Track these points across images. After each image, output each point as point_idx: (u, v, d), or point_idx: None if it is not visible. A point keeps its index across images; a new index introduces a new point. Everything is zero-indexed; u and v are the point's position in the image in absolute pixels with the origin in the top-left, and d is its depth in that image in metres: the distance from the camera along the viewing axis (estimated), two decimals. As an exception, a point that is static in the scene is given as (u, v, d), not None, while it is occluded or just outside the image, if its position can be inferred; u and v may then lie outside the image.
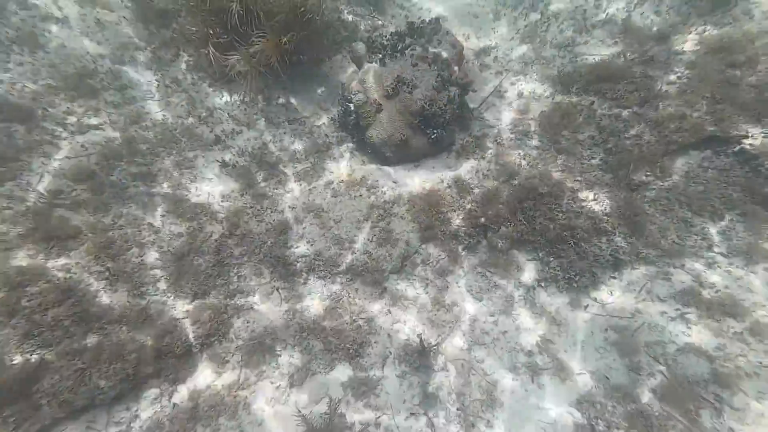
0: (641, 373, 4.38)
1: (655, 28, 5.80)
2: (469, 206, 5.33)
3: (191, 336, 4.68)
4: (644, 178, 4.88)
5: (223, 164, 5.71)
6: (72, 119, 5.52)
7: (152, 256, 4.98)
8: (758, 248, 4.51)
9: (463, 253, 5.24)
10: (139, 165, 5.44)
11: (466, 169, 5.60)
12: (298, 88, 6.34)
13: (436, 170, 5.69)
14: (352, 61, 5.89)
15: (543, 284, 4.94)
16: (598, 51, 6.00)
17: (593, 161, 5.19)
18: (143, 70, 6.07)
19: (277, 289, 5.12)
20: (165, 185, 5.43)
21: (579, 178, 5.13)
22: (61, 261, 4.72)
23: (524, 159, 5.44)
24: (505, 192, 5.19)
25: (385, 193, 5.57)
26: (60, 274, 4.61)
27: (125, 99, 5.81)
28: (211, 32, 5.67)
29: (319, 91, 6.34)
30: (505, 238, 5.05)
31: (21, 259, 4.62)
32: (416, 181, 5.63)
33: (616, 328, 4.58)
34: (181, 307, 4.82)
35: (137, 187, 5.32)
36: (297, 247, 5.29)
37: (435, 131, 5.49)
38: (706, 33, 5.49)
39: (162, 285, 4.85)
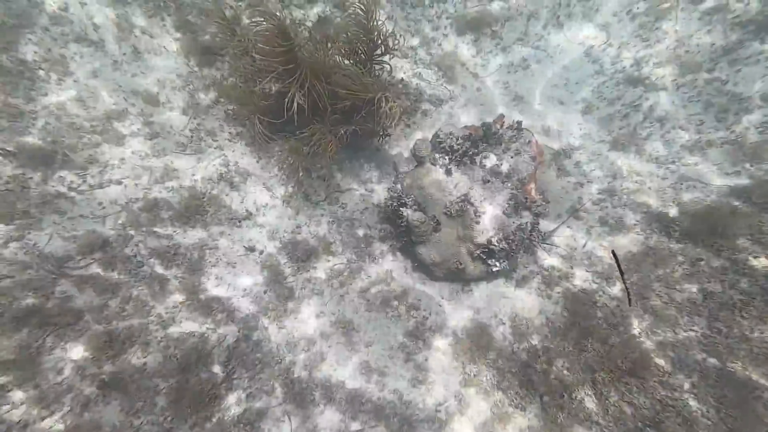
0: None
1: (792, 165, 4.39)
2: (525, 357, 4.20)
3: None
4: (764, 380, 3.62)
5: (249, 249, 4.72)
6: (93, 170, 4.58)
7: (156, 359, 4.08)
8: None
9: (509, 410, 4.15)
10: (159, 238, 4.51)
11: (527, 305, 4.44)
12: (343, 160, 5.23)
13: (491, 300, 4.54)
14: (413, 157, 4.72)
15: (604, 477, 3.83)
16: (711, 178, 4.63)
17: (691, 333, 3.94)
18: (178, 114, 5.03)
19: (288, 416, 4.18)
20: (183, 268, 4.49)
21: (671, 354, 3.90)
22: (56, 354, 3.88)
23: (600, 310, 4.23)
24: (573, 356, 4.03)
25: (426, 319, 4.48)
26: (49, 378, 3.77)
27: (154, 150, 4.82)
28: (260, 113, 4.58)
29: (368, 171, 5.20)
30: (567, 412, 3.93)
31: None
32: (465, 311, 4.51)
33: None
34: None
35: (152, 267, 4.41)
36: (319, 370, 4.31)
37: (498, 263, 4.33)
38: None
39: (161, 401, 3.95)
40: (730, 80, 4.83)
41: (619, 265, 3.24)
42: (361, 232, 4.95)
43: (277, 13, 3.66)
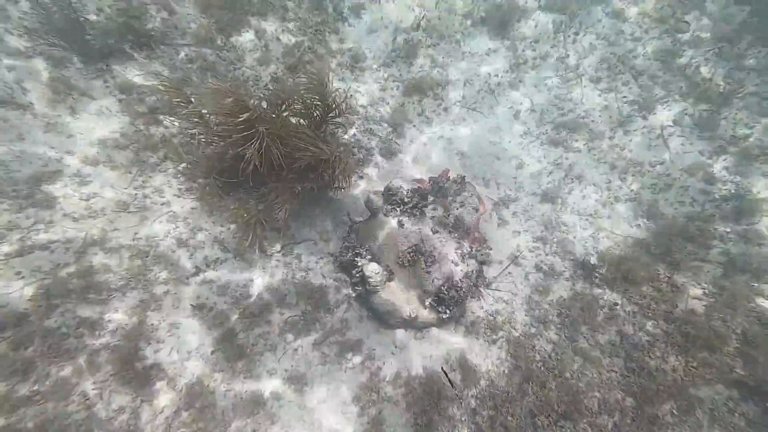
0: None
1: (681, 220, 5.21)
2: (473, 404, 4.37)
3: None
4: (669, 417, 4.11)
5: (198, 307, 4.47)
6: (12, 237, 4.11)
7: (76, 446, 3.60)
8: None
9: (461, 460, 4.24)
10: (90, 304, 4.10)
11: (474, 350, 4.65)
12: (298, 211, 5.23)
13: (440, 345, 4.70)
14: (367, 208, 4.90)
15: None
16: (621, 229, 5.33)
17: (612, 374, 4.39)
18: (120, 173, 4.74)
19: (235, 488, 3.88)
20: (117, 334, 4.10)
21: (597, 395, 4.30)
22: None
23: (538, 353, 4.57)
24: (516, 401, 4.27)
25: (380, 369, 4.51)
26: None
27: (90, 211, 4.47)
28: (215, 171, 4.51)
29: (323, 222, 5.25)
30: (511, 457, 4.11)
31: None
32: (417, 359, 4.61)
33: None
34: None
35: (79, 338, 3.97)
36: (269, 434, 4.10)
37: (448, 310, 4.54)
38: (731, 244, 4.93)
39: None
40: (626, 147, 5.71)
41: (449, 380, 4.20)
42: (316, 282, 4.92)
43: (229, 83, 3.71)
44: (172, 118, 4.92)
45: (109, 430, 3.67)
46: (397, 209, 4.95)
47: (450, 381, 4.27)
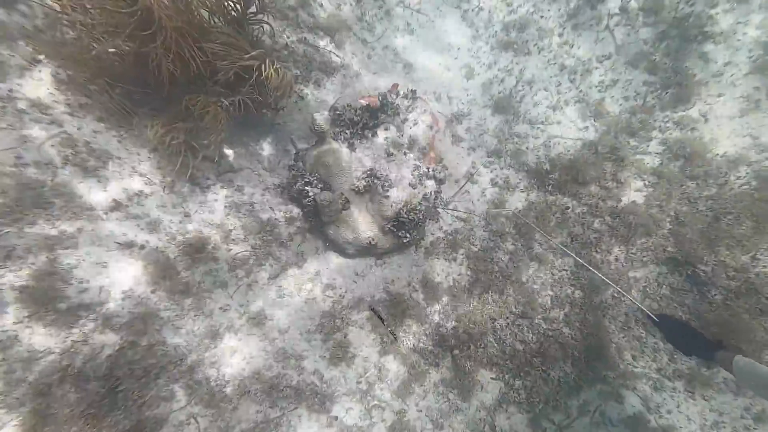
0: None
1: (624, 117, 5.37)
2: (437, 318, 4.51)
3: None
4: (610, 300, 4.54)
5: (125, 245, 3.98)
6: None
7: (-5, 392, 3.24)
8: (698, 375, 4.49)
9: (425, 368, 4.45)
10: (-23, 246, 3.46)
11: (436, 270, 4.73)
12: (234, 135, 4.69)
13: (402, 269, 4.71)
14: (312, 132, 4.46)
15: (504, 406, 4.42)
16: (570, 133, 5.41)
17: (564, 273, 4.70)
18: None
19: (194, 417, 3.80)
20: (24, 273, 3.55)
21: (550, 293, 4.61)
22: None
23: (496, 265, 4.73)
24: (479, 309, 4.47)
25: (343, 297, 4.45)
26: None
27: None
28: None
29: (264, 149, 4.77)
30: (473, 360, 4.37)
31: None
32: (380, 285, 4.60)
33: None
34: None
35: (-22, 284, 3.40)
36: (229, 365, 3.98)
37: (408, 234, 4.46)
38: (668, 133, 5.21)
39: (14, 435, 3.18)
40: (575, 44, 5.63)
41: (380, 317, 4.34)
42: (264, 216, 4.59)
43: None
44: None
45: (33, 370, 3.33)
46: (347, 131, 4.58)
47: (382, 319, 4.41)
